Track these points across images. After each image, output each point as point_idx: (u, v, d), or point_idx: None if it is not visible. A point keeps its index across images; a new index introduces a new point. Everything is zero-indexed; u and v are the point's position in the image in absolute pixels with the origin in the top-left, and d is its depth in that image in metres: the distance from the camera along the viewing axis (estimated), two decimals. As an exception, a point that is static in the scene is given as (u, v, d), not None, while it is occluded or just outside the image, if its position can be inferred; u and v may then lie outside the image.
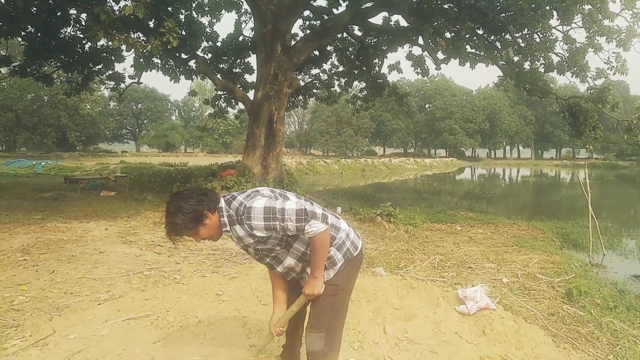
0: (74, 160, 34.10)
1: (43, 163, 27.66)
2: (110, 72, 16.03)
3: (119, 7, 11.24)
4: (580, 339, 3.80)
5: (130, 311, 3.70)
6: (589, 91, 13.15)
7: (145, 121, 72.15)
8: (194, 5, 14.43)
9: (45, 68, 15.65)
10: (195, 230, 2.24)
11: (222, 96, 17.79)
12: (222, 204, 2.30)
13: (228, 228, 2.28)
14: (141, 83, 17.56)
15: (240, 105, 17.32)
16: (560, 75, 13.21)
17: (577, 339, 3.78)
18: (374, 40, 16.53)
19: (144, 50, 7.83)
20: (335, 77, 18.16)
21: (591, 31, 11.90)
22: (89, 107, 49.99)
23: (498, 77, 14.94)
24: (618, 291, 5.28)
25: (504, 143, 78.75)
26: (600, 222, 8.32)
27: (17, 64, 14.59)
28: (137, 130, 72.41)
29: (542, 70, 13.33)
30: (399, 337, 3.57)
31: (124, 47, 8.11)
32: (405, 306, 4.12)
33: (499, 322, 3.83)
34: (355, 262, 2.47)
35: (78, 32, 13.85)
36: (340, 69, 18.00)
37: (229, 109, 18.90)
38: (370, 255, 6.39)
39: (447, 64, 14.28)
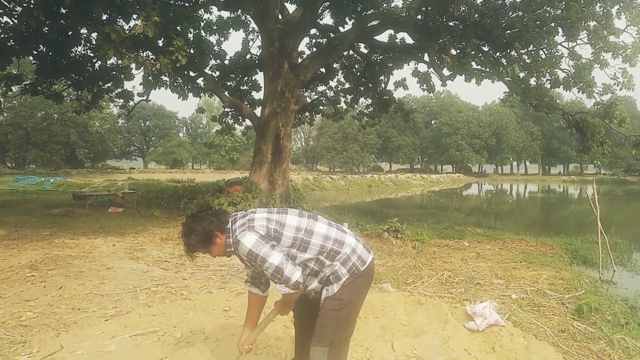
0: (82, 177, 34.39)
1: (52, 180, 27.88)
2: (119, 90, 16.24)
3: (129, 27, 11.40)
4: (592, 356, 3.75)
5: (137, 327, 3.70)
6: (595, 107, 13.12)
7: (153, 138, 72.78)
8: (202, 24, 14.68)
9: (56, 86, 15.89)
10: (207, 249, 2.42)
11: (230, 113, 17.96)
12: (230, 224, 2.42)
13: (232, 249, 2.41)
14: (150, 100, 17.76)
15: (248, 122, 17.47)
16: (566, 91, 13.21)
17: (588, 356, 3.72)
18: (380, 57, 16.67)
19: (153, 68, 7.94)
20: (342, 94, 18.28)
21: (597, 47, 11.92)
22: (97, 124, 50.59)
23: (504, 93, 14.96)
24: (629, 308, 5.20)
25: (511, 159, 78.45)
26: (610, 238, 8.22)
27: (28, 82, 14.84)
28: (145, 147, 73.01)
29: (548, 86, 13.33)
30: (408, 353, 3.53)
31: (133, 65, 8.22)
32: (413, 322, 4.08)
33: (508, 338, 3.78)
34: (363, 278, 2.47)
35: (88, 50, 14.08)
36: (347, 85, 18.12)
37: (236, 126, 19.05)
38: (378, 271, 6.35)
39: (452, 80, 14.33)
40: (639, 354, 3.79)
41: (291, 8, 15.24)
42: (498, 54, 13.94)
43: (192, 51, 13.99)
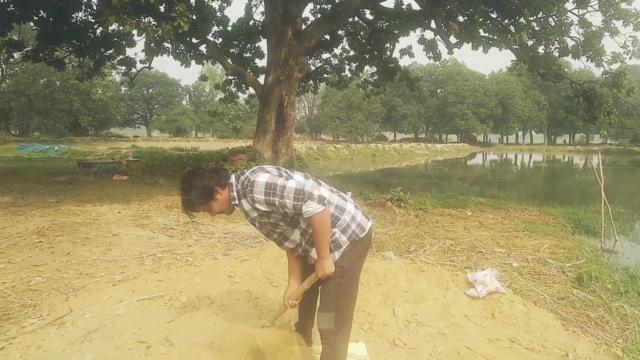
0: (87, 145, 34.46)
1: (56, 147, 27.96)
2: (121, 56, 16.09)
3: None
4: (590, 322, 3.81)
5: (144, 292, 3.77)
6: (604, 76, 12.93)
7: (156, 106, 72.43)
8: (204, -11, 14.39)
9: (58, 53, 15.75)
10: (208, 205, 2.38)
11: (233, 81, 17.79)
12: (233, 179, 2.41)
13: (237, 202, 2.39)
14: (152, 68, 17.63)
15: (251, 90, 17.34)
16: (575, 59, 13.00)
17: (586, 323, 3.79)
18: (386, 24, 16.35)
19: (155, 35, 7.84)
20: (346, 62, 18.04)
21: (607, 14, 11.66)
22: (100, 92, 50.27)
23: (512, 61, 14.73)
24: (629, 276, 5.25)
25: (517, 128, 77.83)
26: (613, 208, 8.22)
27: (30, 48, 14.70)
28: (148, 115, 72.74)
29: (557, 54, 13.11)
30: (409, 319, 3.61)
31: (135, 31, 8.13)
32: (414, 289, 4.15)
33: (508, 305, 3.84)
34: (362, 244, 2.49)
35: (89, 16, 13.91)
36: (351, 53, 17.87)
37: (240, 94, 18.95)
38: (380, 240, 6.42)
39: (459, 48, 14.11)
40: (636, 321, 3.85)
41: (295, -28, 14.86)
42: (506, 21, 13.66)
43: (194, 17, 13.77)
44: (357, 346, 2.94)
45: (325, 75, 18.63)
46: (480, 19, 12.86)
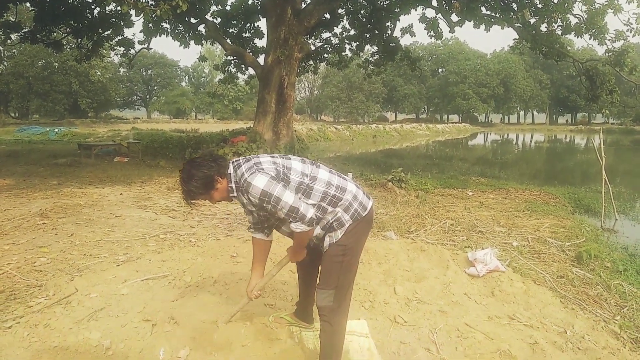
0: (87, 127, 34.34)
1: (56, 130, 27.88)
2: (119, 37, 15.91)
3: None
4: (589, 300, 3.86)
5: (148, 272, 3.82)
6: (607, 54, 12.79)
7: (155, 87, 71.96)
8: (202, -33, 14.15)
9: (55, 34, 15.58)
10: (208, 194, 2.41)
11: (232, 61, 17.62)
12: (231, 169, 2.41)
13: (235, 194, 2.42)
14: (151, 49, 17.44)
15: (251, 71, 17.18)
16: (577, 37, 12.85)
17: (585, 301, 3.84)
18: (386, 2, 16.10)
19: (153, 15, 7.76)
20: (347, 41, 17.83)
21: (611, -10, 11.48)
22: (99, 73, 49.88)
23: (514, 39, 14.56)
24: (628, 255, 5.31)
25: (518, 108, 77.32)
26: (614, 188, 8.25)
27: (27, 30, 14.55)
28: (147, 96, 72.35)
29: (559, 32, 12.93)
30: (409, 297, 3.66)
31: (133, 11, 8.02)
32: (415, 268, 4.19)
33: (507, 283, 3.89)
34: (364, 222, 2.51)
35: (87, -4, 13.71)
36: (352, 32, 17.63)
37: (239, 75, 18.78)
38: (381, 220, 6.45)
39: (461, 26, 13.92)
40: (635, 298, 3.90)
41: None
42: (508, -2, 13.46)
43: (192, -4, 13.57)
44: (358, 323, 2.99)
45: (325, 55, 18.45)
46: (482, -3, 12.69)
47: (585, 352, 2.98)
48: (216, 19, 16.06)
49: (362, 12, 17.06)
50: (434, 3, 14.02)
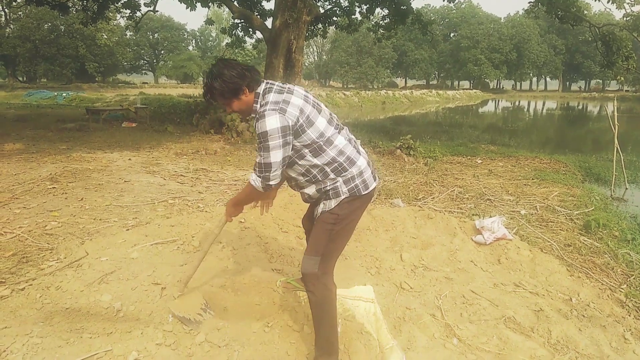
0: (94, 92, 34.28)
1: (64, 94, 27.83)
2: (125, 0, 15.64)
3: None
4: (595, 269, 3.87)
5: (157, 236, 3.86)
6: (624, 18, 12.41)
7: (162, 52, 71.14)
8: None
9: (60, -4, 15.33)
10: (229, 100, 2.32)
11: (240, 25, 17.28)
12: (261, 89, 2.31)
13: (255, 115, 2.31)
14: (157, 11, 17.15)
15: (259, 35, 16.87)
16: (595, 1, 12.44)
17: (591, 269, 3.85)
18: (398, -38, 15.60)
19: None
20: (357, 4, 17.35)
21: (634, -50, 11.01)
22: (105, 37, 49.30)
23: (529, 2, 14.10)
24: (637, 224, 5.27)
25: (531, 74, 75.74)
26: (626, 156, 8.14)
27: (32, -9, 14.31)
28: (154, 61, 71.64)
29: (577, -6, 12.53)
30: (415, 264, 3.68)
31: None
32: (422, 235, 4.20)
33: (514, 251, 3.89)
34: (361, 200, 2.45)
35: (91, -44, 13.40)
36: (362, -6, 17.15)
37: (247, 39, 18.44)
38: (389, 187, 6.44)
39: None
40: (641, 267, 3.89)
41: None
42: (526, -42, 12.97)
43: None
44: (364, 289, 3.02)
45: (334, 19, 18.01)
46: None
47: (589, 319, 3.00)
48: (223, -20, 15.66)
49: (372, -28, 16.54)
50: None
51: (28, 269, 3.26)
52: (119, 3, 15.75)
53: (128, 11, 16.37)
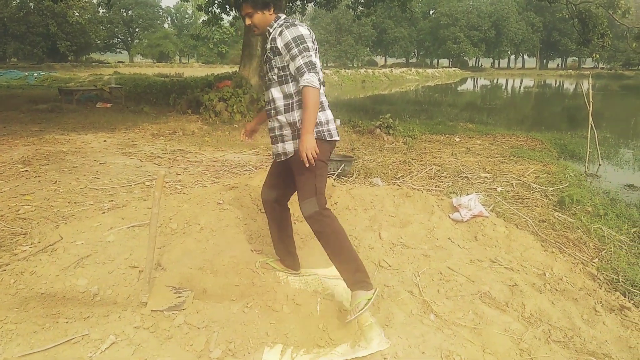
0: (67, 71, 33.30)
1: (35, 74, 26.98)
2: (96, -25, 15.11)
3: None
4: (568, 243, 3.96)
5: (134, 219, 3.81)
6: (601, -5, 12.52)
7: (137, 29, 69.27)
8: None
9: (27, -29, 14.74)
10: (255, 12, 2.57)
11: (216, 1, 16.89)
12: (281, 17, 2.60)
13: (271, 30, 2.56)
14: (130, -13, 16.62)
15: (236, 12, 16.52)
16: (572, -23, 12.48)
17: (565, 244, 3.94)
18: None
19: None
20: (335, -20, 17.13)
21: None
22: (77, 14, 47.73)
23: (507, -21, 14.09)
24: (609, 199, 5.41)
25: (509, 52, 76.28)
26: (600, 133, 8.30)
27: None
28: (129, 39, 69.75)
29: (554, -29, 12.55)
30: (394, 242, 3.71)
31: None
32: (400, 214, 4.23)
33: (490, 228, 3.96)
34: (326, 145, 2.58)
35: None
36: (341, -29, 16.91)
37: (224, 16, 18.04)
38: (368, 167, 6.46)
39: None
40: (613, 242, 4.01)
41: None
42: None
43: None
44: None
45: (313, -4, 17.77)
46: None
47: (562, 293, 3.08)
48: (198, -45, 15.23)
49: (351, -52, 16.29)
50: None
51: (1, 254, 3.19)
52: (90, -21, 15.20)
53: (99, -13, 15.84)
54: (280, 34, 2.46)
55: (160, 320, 2.45)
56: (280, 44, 2.45)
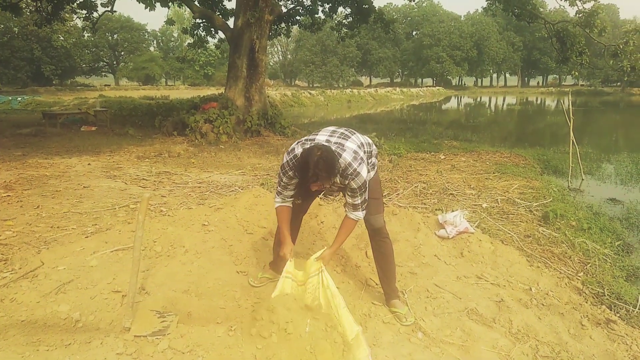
0: (51, 95, 33.06)
1: (19, 98, 26.75)
2: (80, 0, 15.13)
3: None
4: (554, 258, 3.99)
5: (118, 243, 3.75)
6: (577, 15, 12.88)
7: (122, 53, 69.27)
8: None
9: (12, -4, 14.70)
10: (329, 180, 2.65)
11: (201, 24, 17.02)
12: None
13: (346, 180, 2.64)
14: (115, 11, 16.70)
15: (221, 35, 16.63)
16: (549, -2, 12.85)
17: (550, 259, 3.97)
18: (359, -39, 15.70)
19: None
20: (319, 3, 17.38)
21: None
22: (62, 38, 47.67)
23: (487, 0, 14.46)
24: (593, 213, 5.48)
25: (491, 71, 77.81)
26: (581, 148, 8.45)
27: (-19, -9, 13.69)
28: (114, 62, 69.70)
29: (532, -8, 12.92)
30: (381, 260, 3.70)
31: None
32: (387, 232, 4.23)
33: (476, 244, 3.98)
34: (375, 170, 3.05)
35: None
36: (324, -7, 17.17)
37: (209, 39, 18.17)
38: (355, 185, 6.46)
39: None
40: (597, 255, 4.05)
41: None
42: (482, -42, 13.30)
43: (156, -45, 12.93)
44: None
45: (297, 18, 17.97)
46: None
47: (548, 307, 3.09)
48: (182, -21, 15.37)
49: (334, -28, 16.59)
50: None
51: (-20, 281, 3.11)
52: (75, 4, 15.22)
53: (84, 12, 15.84)
54: (353, 180, 2.61)
55: (144, 346, 2.40)
56: (354, 185, 2.64)
